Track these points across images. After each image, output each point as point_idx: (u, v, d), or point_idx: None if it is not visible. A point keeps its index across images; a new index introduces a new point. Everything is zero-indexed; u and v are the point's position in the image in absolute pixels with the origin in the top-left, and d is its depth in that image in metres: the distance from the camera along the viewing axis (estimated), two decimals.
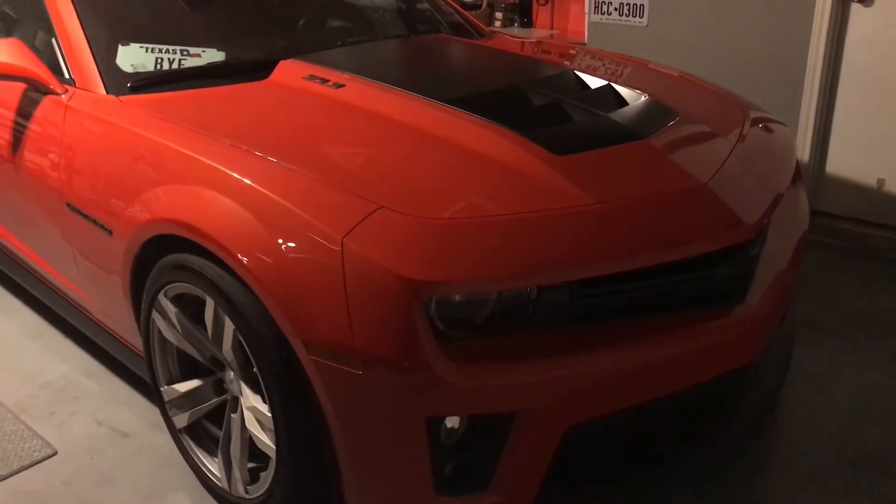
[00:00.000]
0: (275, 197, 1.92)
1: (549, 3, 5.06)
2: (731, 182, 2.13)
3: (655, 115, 2.41)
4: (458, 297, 1.78)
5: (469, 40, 3.19)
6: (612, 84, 2.56)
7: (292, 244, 1.84)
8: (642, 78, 2.89)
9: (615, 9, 4.14)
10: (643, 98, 2.50)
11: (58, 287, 2.82)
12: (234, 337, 2.01)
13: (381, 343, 1.73)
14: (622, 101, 2.47)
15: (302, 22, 3.18)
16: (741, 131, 2.47)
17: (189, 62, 2.61)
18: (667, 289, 1.96)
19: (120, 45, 2.59)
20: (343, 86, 2.44)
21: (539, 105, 2.39)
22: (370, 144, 2.19)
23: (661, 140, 2.25)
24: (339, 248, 1.77)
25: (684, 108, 2.51)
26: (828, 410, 2.63)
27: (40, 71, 2.53)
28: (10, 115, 2.71)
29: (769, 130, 2.64)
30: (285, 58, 2.64)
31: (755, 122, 2.61)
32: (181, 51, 2.62)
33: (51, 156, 2.53)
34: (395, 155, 2.13)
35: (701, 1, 3.88)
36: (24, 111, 2.65)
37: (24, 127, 2.64)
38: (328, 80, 2.47)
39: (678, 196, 2.05)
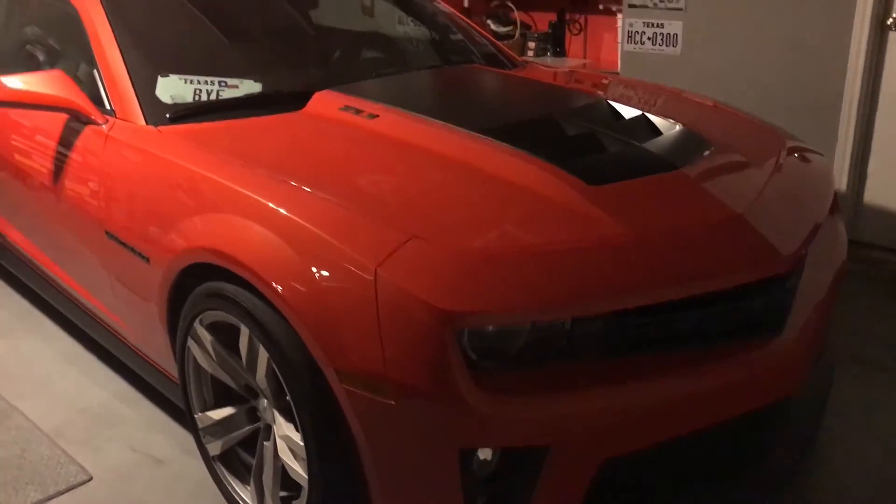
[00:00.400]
0: (309, 226, 1.94)
1: (582, 33, 5.08)
2: (767, 212, 2.11)
3: (690, 144, 2.40)
4: (491, 328, 1.78)
5: (502, 70, 3.21)
6: (645, 114, 2.56)
7: (326, 273, 1.85)
8: (676, 107, 2.89)
9: (648, 38, 4.14)
10: (677, 128, 2.50)
11: (95, 313, 2.86)
12: (268, 365, 2.02)
13: (413, 373, 1.73)
14: (656, 131, 2.46)
15: (337, 53, 3.22)
16: (777, 161, 2.45)
17: (227, 93, 2.66)
18: (703, 320, 1.94)
19: (160, 77, 2.64)
20: (377, 116, 2.46)
21: (573, 135, 2.39)
22: (404, 174, 2.20)
23: (696, 170, 2.24)
24: (372, 278, 1.78)
25: (719, 137, 2.50)
26: (869, 445, 2.57)
27: (82, 102, 2.59)
28: (53, 144, 2.77)
29: (806, 160, 2.62)
30: (321, 89, 2.68)
31: (791, 151, 2.59)
32: (219, 82, 2.66)
33: (91, 184, 2.58)
34: (428, 185, 2.14)
35: (735, 30, 3.87)
36: (66, 141, 2.70)
37: (66, 156, 2.70)
38: (362, 111, 2.50)
39: (714, 226, 2.03)
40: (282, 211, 2.01)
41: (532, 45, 5.16)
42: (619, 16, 4.42)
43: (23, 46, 3.41)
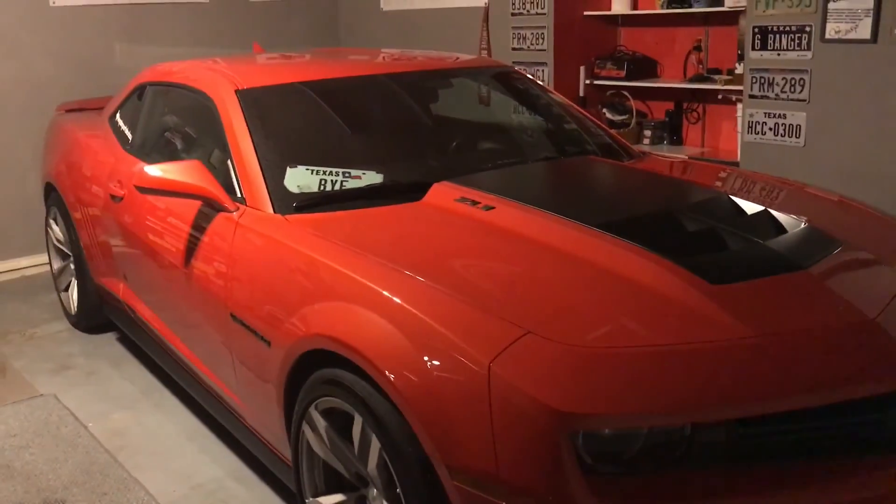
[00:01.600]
0: (423, 316, 1.96)
1: (700, 122, 5.04)
2: None
3: (816, 243, 2.32)
4: (607, 431, 1.74)
5: (619, 162, 3.20)
6: (768, 209, 2.49)
7: (439, 364, 1.86)
8: (800, 203, 2.81)
9: (770, 129, 4.07)
10: (802, 225, 2.42)
11: (215, 391, 2.96)
12: (380, 455, 2.02)
13: (526, 475, 1.70)
14: (780, 228, 2.39)
15: (454, 144, 3.30)
16: None
17: (350, 184, 2.76)
18: (833, 431, 1.83)
19: (288, 168, 2.77)
20: (493, 208, 2.50)
21: (692, 231, 2.35)
22: (519, 267, 2.21)
23: (824, 271, 2.15)
24: (485, 373, 1.78)
25: (847, 235, 2.41)
26: None
27: (217, 191, 2.74)
28: (185, 227, 2.93)
29: None
30: (439, 179, 2.74)
31: None
32: (343, 173, 2.77)
33: (220, 268, 2.70)
34: (544, 279, 2.13)
35: (861, 121, 3.76)
36: (198, 225, 2.86)
37: (197, 239, 2.85)
38: (479, 203, 2.54)
39: (844, 332, 1.94)
40: (397, 300, 2.04)
41: (648, 133, 5.14)
42: (739, 105, 4.36)
43: (162, 133, 3.65)
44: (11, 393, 3.66)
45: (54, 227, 4.38)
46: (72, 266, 4.23)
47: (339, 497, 2.31)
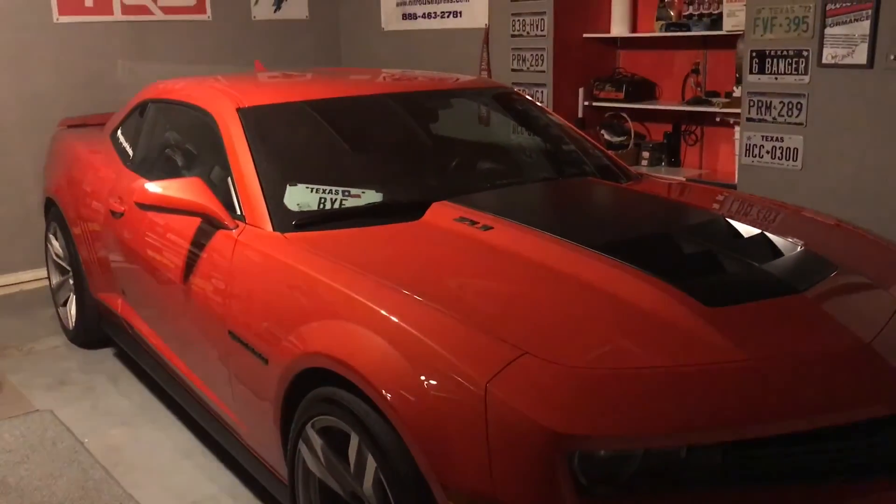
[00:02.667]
0: (421, 336, 1.97)
1: (698, 144, 5.07)
2: None
3: (812, 267, 2.33)
4: (603, 452, 1.74)
5: (617, 184, 3.22)
6: (765, 232, 2.51)
7: (436, 384, 1.87)
8: (797, 226, 2.82)
9: (767, 152, 4.09)
10: (798, 248, 2.44)
11: (212, 408, 2.96)
12: (376, 474, 2.02)
13: (521, 495, 1.71)
14: (776, 252, 2.41)
15: (454, 164, 3.32)
16: None
17: (349, 202, 2.78)
18: (828, 455, 1.84)
19: (288, 185, 2.78)
20: (491, 228, 2.51)
21: (689, 253, 2.37)
22: (517, 288, 2.22)
23: (819, 294, 2.17)
24: (482, 393, 1.78)
25: (843, 259, 2.42)
26: None
27: (216, 208, 2.75)
28: (185, 244, 2.94)
29: None
30: (438, 198, 2.76)
31: None
32: (343, 191, 2.79)
33: (218, 285, 2.71)
34: (541, 300, 2.15)
35: (859, 144, 3.79)
36: (198, 242, 2.87)
37: (196, 256, 2.86)
38: (477, 223, 2.55)
39: (839, 355, 1.95)
40: (395, 319, 2.05)
41: (646, 154, 5.17)
42: (737, 128, 4.40)
43: (163, 150, 3.67)
44: (8, 408, 3.66)
45: (54, 241, 4.39)
46: (70, 281, 4.24)
47: None
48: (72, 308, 4.26)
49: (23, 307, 4.97)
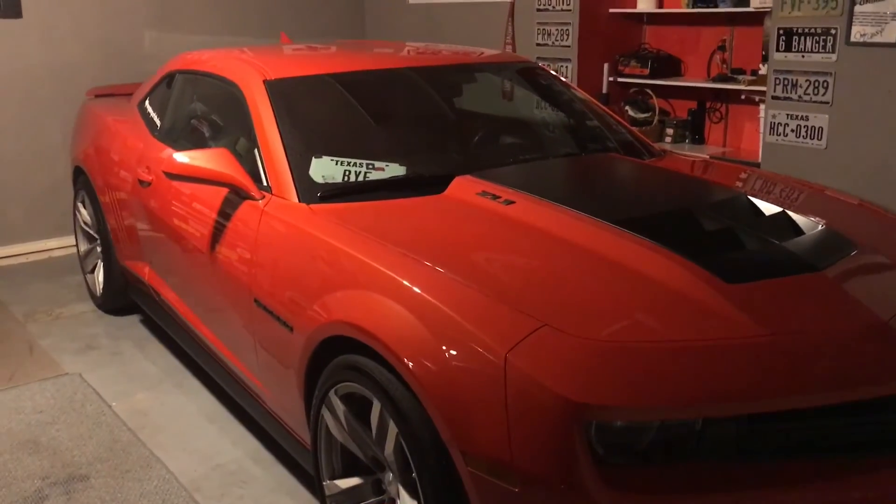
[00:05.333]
0: (442, 306, 2.01)
1: (723, 121, 5.04)
2: None
3: (833, 245, 2.34)
4: (619, 423, 1.78)
5: (639, 160, 3.23)
6: (786, 211, 2.52)
7: (456, 354, 1.91)
8: (819, 205, 2.82)
9: (792, 130, 4.08)
10: (820, 227, 2.45)
11: (236, 374, 3.03)
12: (397, 440, 2.08)
13: (539, 462, 1.75)
14: (797, 230, 2.42)
15: (477, 138, 3.34)
16: None
17: (373, 175, 2.81)
18: (843, 430, 1.87)
19: (313, 158, 2.82)
20: (513, 202, 2.54)
21: (710, 230, 2.39)
22: (537, 261, 2.25)
23: (839, 272, 2.18)
24: (501, 363, 1.82)
25: (865, 238, 2.43)
26: None
27: (243, 179, 2.80)
28: (212, 214, 2.99)
29: None
30: (461, 173, 2.79)
31: None
32: (367, 164, 2.82)
33: (244, 254, 2.76)
34: (561, 273, 2.18)
35: (885, 124, 3.76)
36: (224, 212, 2.92)
37: (223, 226, 2.91)
38: (499, 197, 2.58)
39: (857, 333, 1.97)
40: (417, 290, 2.09)
41: (670, 131, 5.15)
42: (762, 106, 4.37)
43: (190, 121, 3.72)
44: (38, 371, 3.75)
45: (82, 210, 4.47)
46: (98, 249, 4.32)
47: (356, 480, 2.37)
48: (99, 275, 4.35)
49: (52, 274, 5.06)
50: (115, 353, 3.96)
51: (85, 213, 4.43)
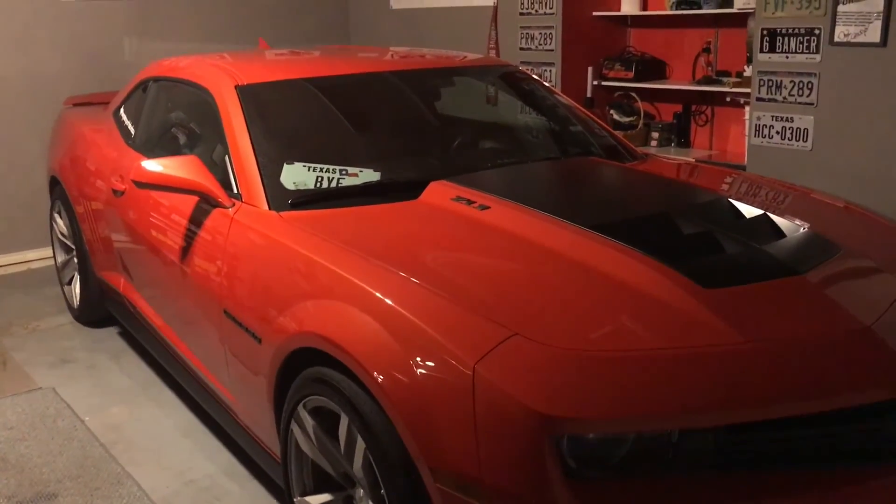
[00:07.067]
0: (411, 317, 1.94)
1: (708, 124, 4.99)
2: None
3: (815, 248, 2.28)
4: (592, 435, 1.71)
5: (619, 164, 3.17)
6: (768, 214, 2.46)
7: (425, 366, 1.84)
8: (803, 207, 2.76)
9: (777, 132, 4.02)
10: (802, 230, 2.38)
11: (209, 387, 2.95)
12: (365, 455, 2.01)
13: (508, 478, 1.68)
14: (779, 233, 2.36)
15: (455, 143, 3.28)
16: None
17: (346, 181, 2.74)
18: (824, 440, 1.80)
19: (285, 164, 2.75)
20: (488, 208, 2.47)
21: (688, 234, 2.32)
22: (511, 268, 2.19)
23: (821, 276, 2.12)
24: (470, 374, 1.75)
25: (849, 241, 2.37)
26: None
27: (212, 186, 2.73)
28: (184, 222, 2.92)
29: None
30: (438, 178, 2.72)
31: None
32: (340, 170, 2.75)
33: (214, 263, 2.69)
34: (535, 280, 2.11)
35: (871, 124, 3.71)
36: (196, 220, 2.85)
37: (194, 235, 2.84)
38: (474, 202, 2.51)
39: (839, 338, 1.91)
40: (386, 300, 2.03)
41: (656, 135, 5.10)
42: (748, 108, 4.32)
43: (165, 128, 3.65)
44: (11, 385, 3.67)
45: (58, 220, 4.39)
46: (75, 260, 4.24)
47: (327, 497, 2.29)
48: (76, 287, 4.27)
49: (30, 285, 4.98)
50: (90, 366, 3.88)
51: (61, 224, 4.36)
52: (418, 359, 1.86)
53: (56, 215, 4.42)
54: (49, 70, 5.27)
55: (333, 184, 2.74)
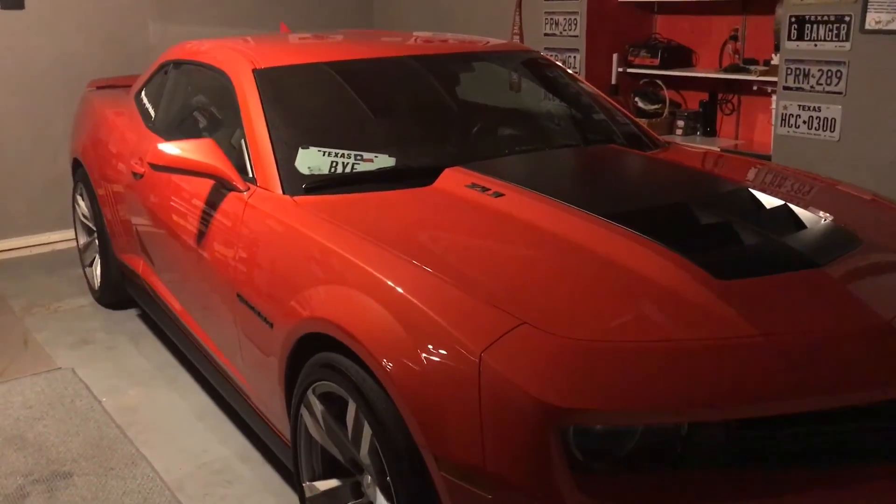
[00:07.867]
0: (420, 304, 1.92)
1: (735, 113, 4.90)
2: None
3: (836, 241, 2.23)
4: (599, 427, 1.68)
5: (640, 152, 3.12)
6: (788, 204, 2.40)
7: (433, 354, 1.82)
8: (826, 199, 2.70)
9: (804, 122, 3.94)
10: (824, 221, 2.33)
11: (224, 371, 2.96)
12: (372, 442, 1.99)
13: (513, 469, 1.66)
14: (799, 224, 2.30)
15: (474, 129, 3.24)
16: None
17: (361, 167, 2.72)
18: (839, 437, 1.76)
19: (300, 148, 2.74)
20: (503, 195, 2.44)
21: (705, 224, 2.27)
22: (522, 256, 2.16)
23: (841, 269, 2.06)
24: (476, 362, 1.73)
25: (872, 234, 2.31)
26: None
27: (227, 170, 2.72)
28: (200, 206, 2.92)
29: None
30: (454, 164, 2.69)
31: None
32: (355, 155, 2.73)
33: (228, 248, 2.69)
34: (546, 269, 2.08)
35: None
36: (211, 204, 2.84)
37: (209, 219, 2.84)
38: (489, 189, 2.48)
39: (856, 333, 1.86)
40: (395, 287, 2.01)
41: (681, 123, 5.02)
42: (774, 97, 4.23)
43: (184, 111, 3.65)
44: (31, 365, 3.71)
45: (80, 202, 4.42)
46: (96, 242, 4.27)
47: (335, 482, 2.29)
48: (97, 269, 4.30)
49: (53, 267, 5.03)
50: (110, 347, 3.91)
51: (83, 206, 4.39)
52: (425, 346, 1.84)
53: (78, 197, 4.45)
54: (74, 53, 5.31)
55: (348, 169, 2.72)
